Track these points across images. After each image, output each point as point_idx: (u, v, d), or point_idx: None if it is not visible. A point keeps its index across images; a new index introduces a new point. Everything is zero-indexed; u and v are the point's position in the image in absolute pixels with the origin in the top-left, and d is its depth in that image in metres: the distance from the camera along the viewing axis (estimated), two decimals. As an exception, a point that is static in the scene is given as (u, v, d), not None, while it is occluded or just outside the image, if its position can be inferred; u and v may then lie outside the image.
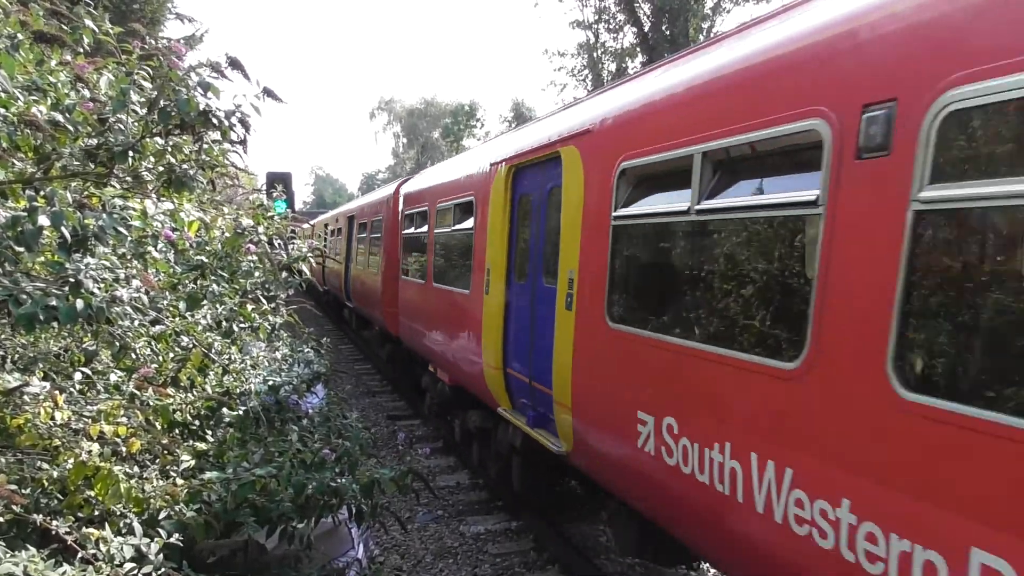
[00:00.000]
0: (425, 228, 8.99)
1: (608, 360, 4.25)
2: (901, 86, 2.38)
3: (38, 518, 2.30)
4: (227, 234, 4.32)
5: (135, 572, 2.25)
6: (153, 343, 3.88)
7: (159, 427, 3.32)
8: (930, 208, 2.25)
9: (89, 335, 3.44)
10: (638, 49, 27.68)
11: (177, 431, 3.51)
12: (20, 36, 2.84)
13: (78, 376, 3.22)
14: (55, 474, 2.57)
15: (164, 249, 3.64)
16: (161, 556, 2.38)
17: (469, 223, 7.08)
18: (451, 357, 7.65)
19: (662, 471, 3.65)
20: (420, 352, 9.32)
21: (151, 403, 3.40)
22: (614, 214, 4.18)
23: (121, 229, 2.71)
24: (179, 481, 2.91)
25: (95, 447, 2.69)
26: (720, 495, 3.18)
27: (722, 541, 3.40)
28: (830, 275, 2.61)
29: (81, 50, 3.09)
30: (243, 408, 3.91)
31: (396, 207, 11.11)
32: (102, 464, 2.59)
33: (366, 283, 13.46)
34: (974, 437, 2.09)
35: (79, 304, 2.42)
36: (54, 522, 2.34)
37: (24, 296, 2.29)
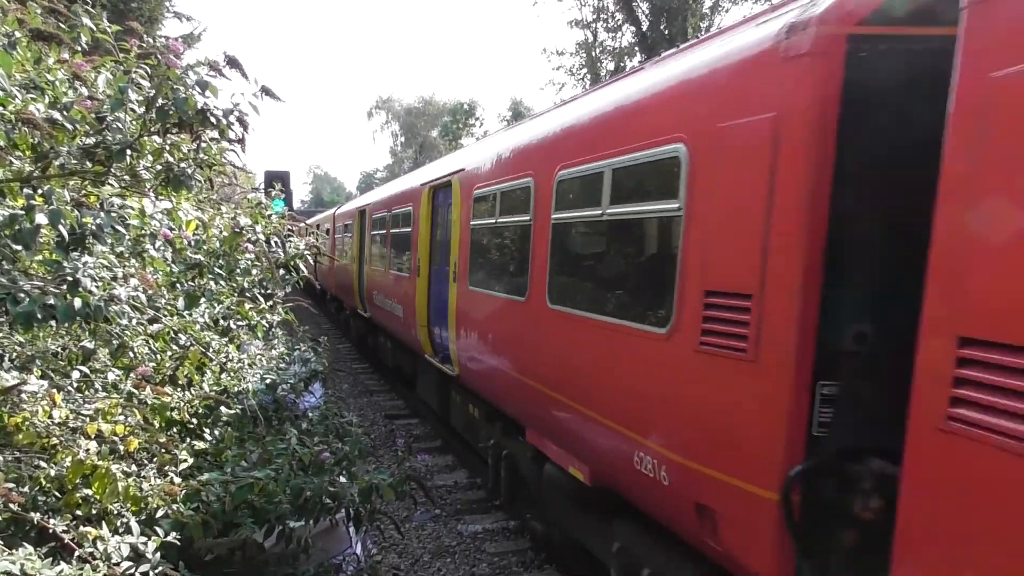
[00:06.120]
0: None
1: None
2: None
3: (36, 516, 2.30)
4: (225, 233, 4.32)
5: (132, 571, 2.25)
6: (151, 342, 3.88)
7: (157, 426, 3.31)
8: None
9: (87, 333, 3.44)
10: (636, 48, 27.71)
11: (175, 430, 3.51)
12: (18, 34, 2.83)
13: (76, 375, 3.21)
14: (53, 472, 2.57)
15: (162, 248, 3.64)
16: (158, 555, 2.38)
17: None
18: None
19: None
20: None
21: (149, 402, 3.40)
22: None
23: (119, 228, 2.71)
24: (177, 480, 2.91)
25: (93, 446, 2.69)
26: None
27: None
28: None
29: (79, 48, 3.08)
30: (241, 407, 3.91)
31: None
32: (100, 463, 2.59)
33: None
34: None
35: (77, 302, 2.42)
36: (51, 520, 2.34)
37: (22, 294, 2.29)
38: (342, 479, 3.23)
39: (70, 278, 2.49)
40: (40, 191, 2.53)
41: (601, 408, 4.01)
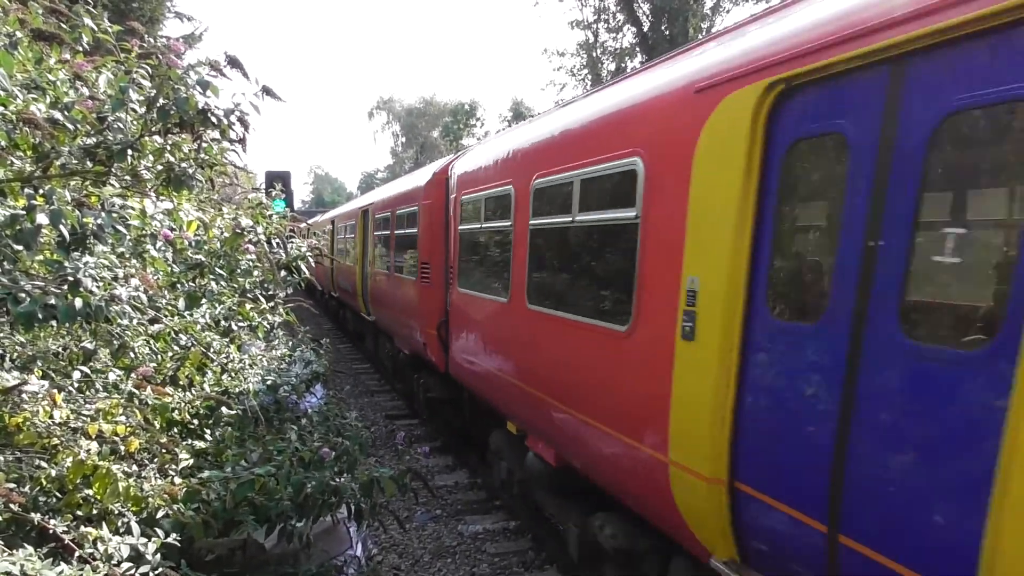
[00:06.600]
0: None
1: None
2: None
3: (36, 517, 2.30)
4: (226, 233, 4.31)
5: (132, 571, 2.25)
6: (152, 342, 3.87)
7: (158, 426, 3.31)
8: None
9: (88, 334, 3.44)
10: (637, 49, 27.71)
11: (176, 430, 3.50)
12: (19, 34, 2.83)
13: (77, 375, 3.21)
14: (53, 473, 2.57)
15: (163, 248, 3.63)
16: (159, 555, 2.38)
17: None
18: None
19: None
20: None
21: (150, 402, 3.39)
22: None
23: (120, 228, 2.71)
24: (177, 480, 2.91)
25: (94, 446, 2.69)
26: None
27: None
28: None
29: (80, 48, 3.08)
30: (242, 407, 3.90)
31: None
32: (100, 463, 2.59)
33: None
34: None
35: (78, 303, 2.42)
36: (52, 521, 2.34)
37: (23, 294, 2.29)
38: (341, 479, 3.22)
39: (71, 278, 2.49)
40: (41, 191, 2.52)
41: (406, 318, 9.53)
